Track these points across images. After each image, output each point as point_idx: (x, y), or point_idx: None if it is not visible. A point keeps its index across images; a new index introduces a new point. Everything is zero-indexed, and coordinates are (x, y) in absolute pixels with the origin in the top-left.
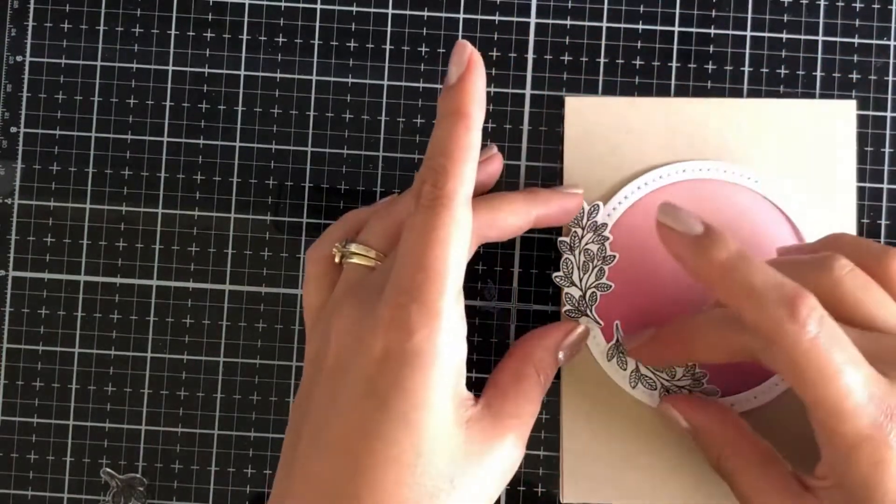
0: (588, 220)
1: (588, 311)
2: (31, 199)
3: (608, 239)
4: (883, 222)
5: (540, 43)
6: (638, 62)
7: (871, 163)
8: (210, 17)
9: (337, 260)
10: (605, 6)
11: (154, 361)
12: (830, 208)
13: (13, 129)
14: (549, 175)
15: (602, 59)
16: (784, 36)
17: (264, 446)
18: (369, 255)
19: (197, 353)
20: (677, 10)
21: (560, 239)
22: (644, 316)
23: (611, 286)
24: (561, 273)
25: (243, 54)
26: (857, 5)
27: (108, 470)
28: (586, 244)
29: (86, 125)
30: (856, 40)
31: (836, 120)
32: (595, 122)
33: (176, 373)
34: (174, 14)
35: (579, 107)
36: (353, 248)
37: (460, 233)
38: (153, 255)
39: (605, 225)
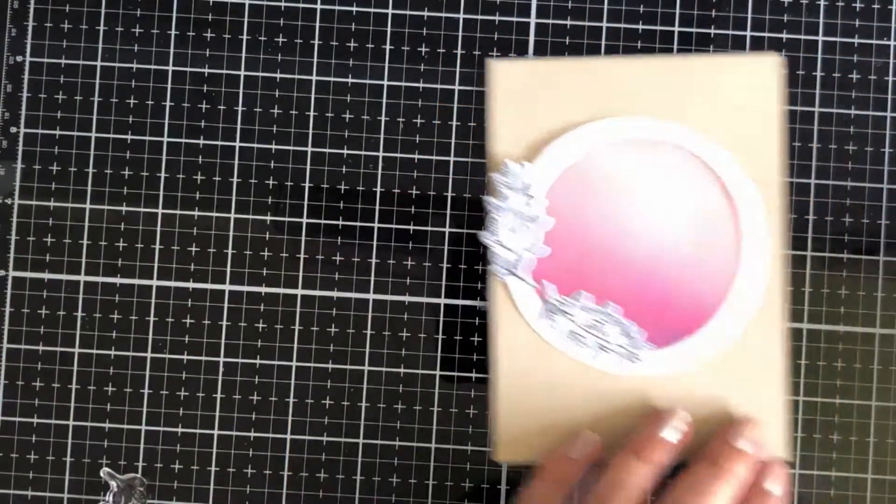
0: (516, 180)
1: (519, 273)
2: (31, 199)
3: (539, 200)
4: (883, 222)
5: (540, 43)
6: None
7: (870, 163)
8: (210, 17)
9: None
10: (605, 6)
11: (154, 361)
12: (756, 165)
13: (13, 129)
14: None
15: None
16: (784, 36)
17: (264, 446)
18: None
19: (197, 353)
20: (677, 10)
21: (488, 198)
22: (577, 275)
23: (545, 249)
24: (490, 234)
25: (243, 54)
26: (857, 5)
27: (108, 470)
28: (515, 205)
29: (86, 125)
30: (856, 40)
31: (762, 75)
32: (523, 83)
33: (176, 373)
34: (174, 14)
35: (506, 69)
36: None
37: None
38: (153, 255)
39: (532, 185)
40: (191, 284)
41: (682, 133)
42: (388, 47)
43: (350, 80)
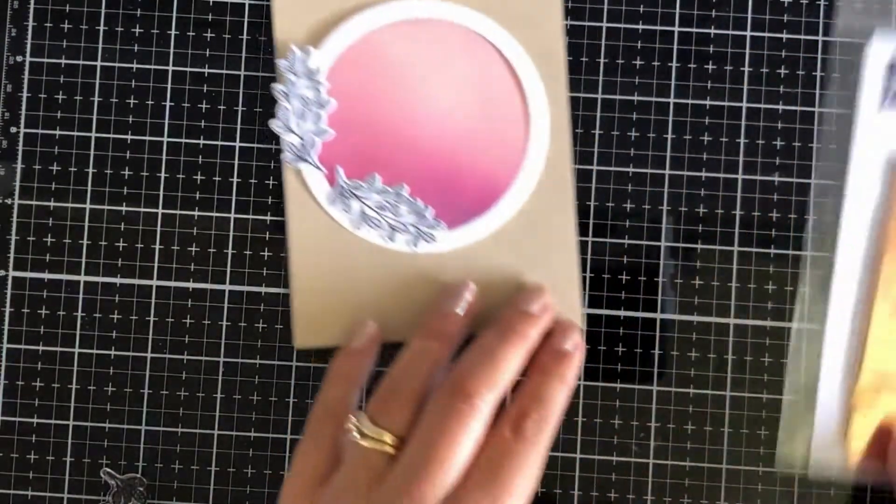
0: (301, 65)
1: (309, 158)
2: (31, 199)
3: (323, 84)
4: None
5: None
6: (638, 62)
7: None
8: (210, 17)
9: (353, 433)
10: (605, 6)
11: (154, 361)
12: (539, 40)
13: (13, 129)
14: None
15: (602, 60)
16: (784, 36)
17: (264, 446)
18: (388, 442)
19: (197, 353)
20: (677, 10)
21: (274, 86)
22: (366, 157)
23: (329, 132)
24: (279, 122)
25: (243, 54)
26: (858, 5)
27: (108, 470)
28: (301, 91)
29: (86, 125)
30: (856, 41)
31: None
32: None
33: (176, 373)
34: (174, 14)
35: None
36: (373, 430)
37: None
38: (153, 255)
39: (318, 70)
40: (191, 284)
41: (462, 12)
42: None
43: None
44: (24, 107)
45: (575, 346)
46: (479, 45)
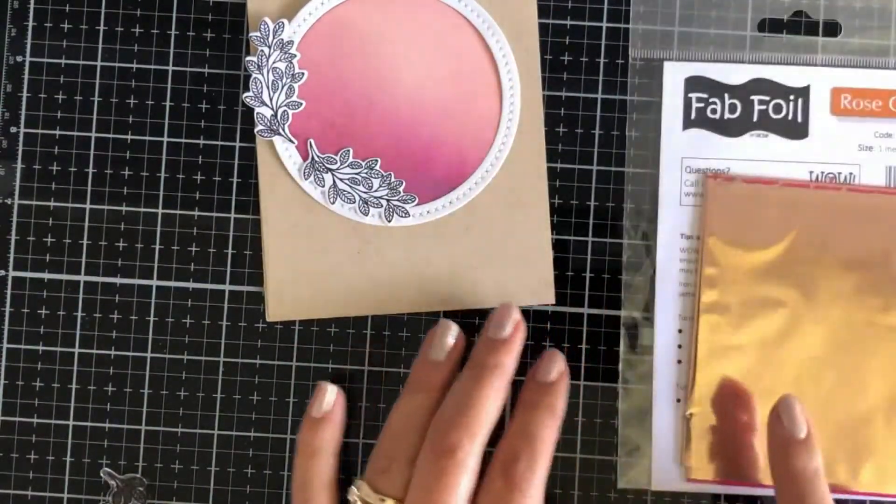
0: (274, 38)
1: (281, 131)
2: (31, 199)
3: (295, 56)
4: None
5: (540, 43)
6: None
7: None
8: (210, 17)
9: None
10: (605, 6)
11: (154, 361)
12: (513, 14)
13: (13, 129)
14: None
15: (602, 60)
16: (784, 36)
17: (264, 446)
18: None
19: (197, 353)
20: (677, 11)
21: (247, 59)
22: (338, 131)
23: (301, 104)
24: (251, 93)
25: (242, 54)
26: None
27: (108, 470)
28: (274, 63)
29: (86, 125)
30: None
31: None
32: None
33: (176, 373)
34: (174, 14)
35: None
36: (374, 497)
37: None
38: (153, 255)
39: (291, 42)
40: (191, 284)
41: None
42: None
43: None
44: (24, 107)
45: (560, 374)
46: (451, 19)
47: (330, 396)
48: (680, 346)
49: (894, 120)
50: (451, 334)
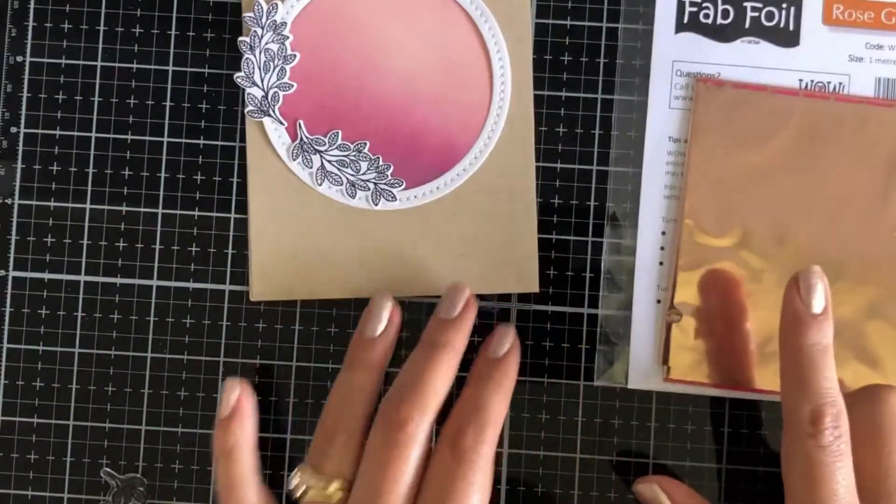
0: (267, 18)
1: (271, 112)
2: (31, 199)
3: (288, 38)
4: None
5: (540, 43)
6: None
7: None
8: (210, 17)
9: (301, 489)
10: (605, 6)
11: (154, 361)
12: (506, 1)
13: (13, 129)
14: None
15: (602, 60)
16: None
17: (264, 446)
18: (336, 487)
19: (197, 353)
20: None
21: (240, 39)
22: (328, 113)
23: (293, 85)
24: (242, 73)
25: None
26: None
27: (108, 470)
28: (266, 44)
29: (86, 125)
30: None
31: None
32: None
33: (176, 373)
34: (174, 14)
35: None
36: (318, 479)
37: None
38: (153, 255)
39: (284, 24)
40: (191, 284)
41: None
42: None
43: None
44: (24, 107)
45: (511, 347)
46: (444, 4)
47: (233, 394)
48: (662, 248)
49: (885, 32)
50: (386, 308)
